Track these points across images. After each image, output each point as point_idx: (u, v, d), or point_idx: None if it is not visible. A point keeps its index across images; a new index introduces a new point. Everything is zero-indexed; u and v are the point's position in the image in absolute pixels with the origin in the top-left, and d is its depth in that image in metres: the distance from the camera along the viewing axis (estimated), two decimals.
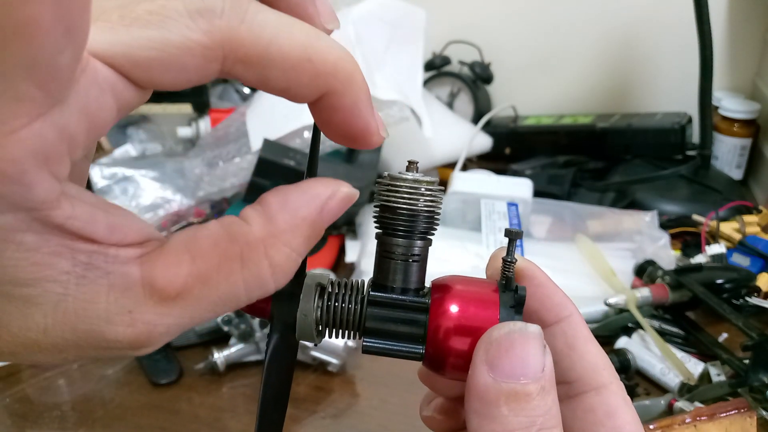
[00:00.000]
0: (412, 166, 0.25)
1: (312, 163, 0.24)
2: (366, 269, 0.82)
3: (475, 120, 1.17)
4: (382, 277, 0.25)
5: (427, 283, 0.26)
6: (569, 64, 1.27)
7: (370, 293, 0.25)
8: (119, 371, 0.69)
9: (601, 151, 1.12)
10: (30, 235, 0.17)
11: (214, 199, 0.93)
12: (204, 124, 1.04)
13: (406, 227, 0.24)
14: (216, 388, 0.67)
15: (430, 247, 0.25)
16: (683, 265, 0.80)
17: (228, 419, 0.63)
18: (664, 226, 0.91)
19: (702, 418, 0.55)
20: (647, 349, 0.69)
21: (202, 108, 1.05)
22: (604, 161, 1.11)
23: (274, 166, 0.85)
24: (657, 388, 0.67)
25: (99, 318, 0.18)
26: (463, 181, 0.93)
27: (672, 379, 0.66)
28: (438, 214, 0.25)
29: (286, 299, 0.24)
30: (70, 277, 0.17)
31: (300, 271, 0.23)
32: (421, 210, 0.24)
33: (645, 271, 0.79)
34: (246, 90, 1.15)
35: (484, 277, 0.27)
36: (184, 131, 1.04)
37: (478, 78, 1.22)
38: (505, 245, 0.25)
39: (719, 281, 0.74)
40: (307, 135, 0.91)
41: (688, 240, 0.91)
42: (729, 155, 1.10)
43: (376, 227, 0.25)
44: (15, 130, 0.14)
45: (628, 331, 0.72)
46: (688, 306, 0.75)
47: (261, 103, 0.98)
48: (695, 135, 1.05)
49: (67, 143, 0.16)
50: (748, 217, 0.90)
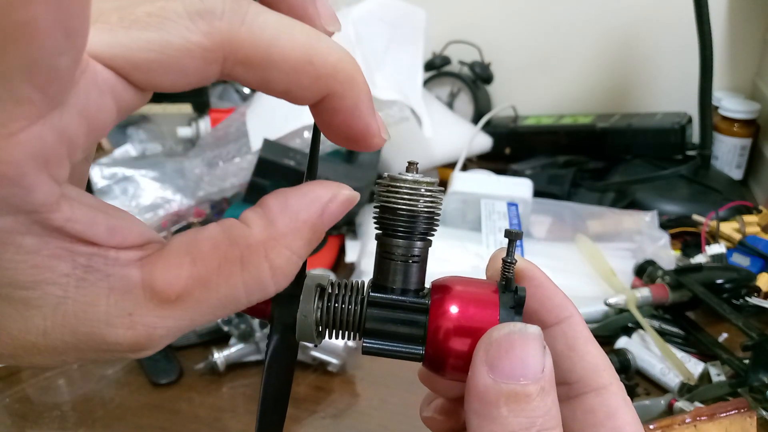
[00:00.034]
0: (411, 166, 0.25)
1: (312, 163, 0.24)
2: (366, 269, 0.82)
3: (475, 120, 1.17)
4: (382, 278, 0.25)
5: (427, 284, 0.26)
6: (569, 64, 1.27)
7: (370, 294, 0.25)
8: (119, 371, 0.69)
9: (601, 151, 1.12)
10: (30, 238, 0.17)
11: (214, 199, 0.93)
12: (204, 124, 1.04)
13: (405, 228, 0.24)
14: (216, 388, 0.67)
15: (429, 248, 0.25)
16: (683, 265, 0.80)
17: (228, 419, 0.63)
18: (664, 226, 0.91)
19: (702, 418, 0.55)
20: (647, 349, 0.69)
21: (202, 108, 1.05)
22: (604, 161, 1.11)
23: (274, 166, 0.85)
24: (657, 388, 0.67)
25: (99, 321, 0.18)
26: (463, 181, 0.93)
27: (672, 379, 0.66)
28: (438, 215, 0.25)
29: (286, 300, 0.24)
30: (70, 280, 0.17)
31: (300, 273, 0.23)
32: (420, 211, 0.24)
33: (645, 271, 0.79)
34: (246, 90, 1.15)
35: (484, 277, 0.27)
36: (184, 131, 1.04)
37: (478, 78, 1.22)
38: (505, 246, 0.25)
39: (719, 281, 0.74)
40: (307, 135, 0.91)
41: (688, 240, 0.91)
42: (729, 155, 1.10)
43: (375, 228, 0.25)
44: (14, 133, 0.14)
45: (628, 331, 0.72)
46: (688, 306, 0.75)
47: (261, 103, 0.98)
48: (695, 135, 1.05)
49: (66, 146, 0.16)
50: (748, 217, 0.90)
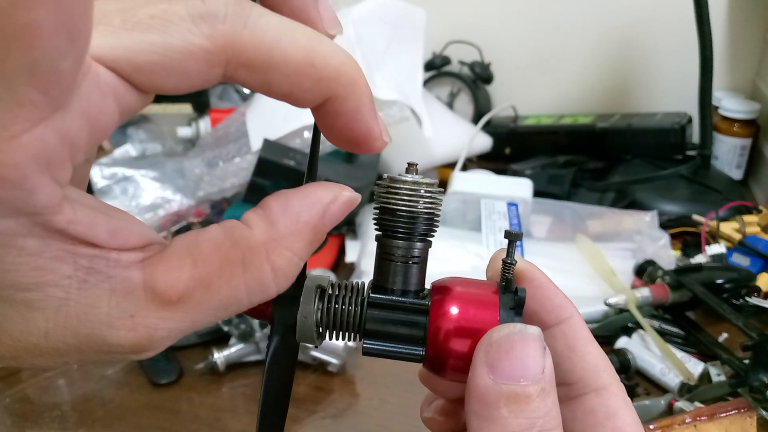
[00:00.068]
0: (411, 167, 0.25)
1: (312, 164, 0.24)
2: (366, 269, 0.82)
3: (475, 120, 1.17)
4: (382, 279, 0.25)
5: (427, 285, 0.26)
6: (569, 64, 1.27)
7: (370, 295, 0.25)
8: (119, 371, 0.69)
9: (601, 151, 1.12)
10: (32, 240, 0.17)
11: (214, 199, 0.93)
12: (204, 124, 1.04)
13: (405, 229, 0.24)
14: (216, 388, 0.67)
15: (429, 249, 0.26)
16: (683, 265, 0.80)
17: (228, 419, 0.63)
18: (664, 226, 0.91)
19: (702, 418, 0.55)
20: (647, 349, 0.69)
21: (202, 108, 1.06)
22: (604, 161, 1.11)
23: (274, 166, 0.85)
24: (657, 388, 0.67)
25: (101, 322, 0.18)
26: (463, 181, 0.93)
27: (672, 379, 0.66)
28: (438, 215, 0.25)
29: (287, 302, 0.24)
30: (72, 282, 0.17)
31: (300, 274, 0.23)
32: (420, 212, 0.24)
33: (645, 271, 0.79)
34: (246, 90, 1.15)
35: (484, 278, 0.27)
36: (184, 131, 1.04)
37: (478, 78, 1.22)
38: (505, 246, 0.25)
39: (719, 281, 0.74)
40: (307, 135, 0.91)
41: (688, 240, 0.91)
42: (729, 155, 1.10)
43: (375, 229, 0.25)
44: (17, 135, 0.14)
45: (628, 331, 0.72)
46: (688, 306, 0.75)
47: (261, 104, 0.98)
48: (695, 135, 1.05)
49: (68, 148, 0.16)
50: (748, 217, 0.90)
